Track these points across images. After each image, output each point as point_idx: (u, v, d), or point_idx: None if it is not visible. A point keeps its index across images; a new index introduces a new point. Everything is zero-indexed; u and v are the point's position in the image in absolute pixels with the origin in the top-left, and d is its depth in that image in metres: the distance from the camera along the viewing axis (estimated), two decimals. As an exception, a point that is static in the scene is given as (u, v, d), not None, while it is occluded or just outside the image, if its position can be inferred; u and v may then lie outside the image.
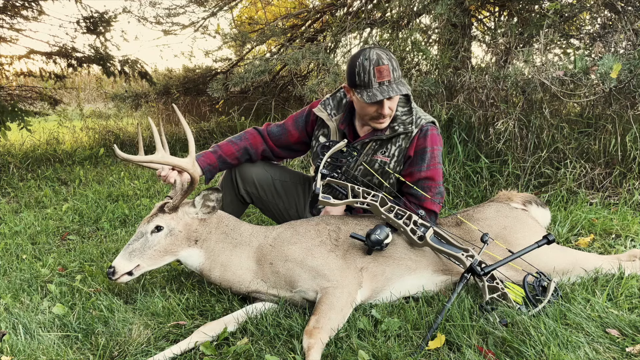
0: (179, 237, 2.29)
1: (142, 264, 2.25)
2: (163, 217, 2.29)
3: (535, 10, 4.60)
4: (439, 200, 2.52)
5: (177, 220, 2.30)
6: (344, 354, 1.88)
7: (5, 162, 5.74)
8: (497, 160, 4.12)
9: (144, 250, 2.24)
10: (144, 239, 2.26)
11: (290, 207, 2.91)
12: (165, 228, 2.28)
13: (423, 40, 5.02)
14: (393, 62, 2.35)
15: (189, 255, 2.33)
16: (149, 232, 2.27)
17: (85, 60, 6.47)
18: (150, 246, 2.25)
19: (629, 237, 2.98)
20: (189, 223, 2.32)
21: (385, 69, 2.30)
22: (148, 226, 2.28)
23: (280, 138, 2.80)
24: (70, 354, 1.98)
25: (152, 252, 2.25)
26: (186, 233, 2.31)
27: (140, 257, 2.24)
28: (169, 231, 2.28)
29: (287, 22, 7.00)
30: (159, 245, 2.26)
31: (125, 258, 2.22)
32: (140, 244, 2.25)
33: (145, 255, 2.24)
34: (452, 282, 2.34)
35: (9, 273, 2.87)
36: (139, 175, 5.46)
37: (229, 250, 2.32)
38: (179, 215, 2.32)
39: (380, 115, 2.41)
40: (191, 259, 2.33)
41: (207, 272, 2.33)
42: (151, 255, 2.25)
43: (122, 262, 2.22)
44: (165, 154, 2.27)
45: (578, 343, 1.83)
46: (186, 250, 2.32)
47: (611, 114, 3.80)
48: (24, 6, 6.18)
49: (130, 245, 2.26)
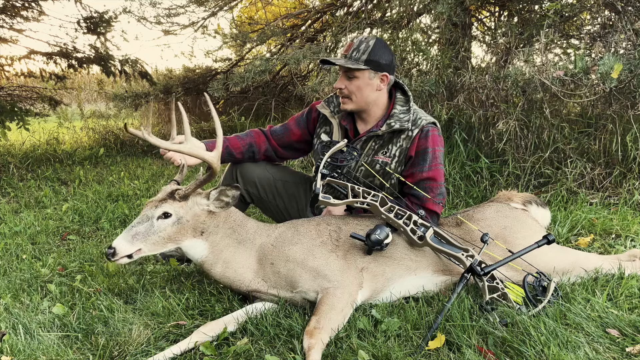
0: (185, 227, 2.22)
1: (143, 249, 2.17)
2: (172, 205, 2.21)
3: (535, 10, 4.60)
4: (440, 200, 2.52)
5: (186, 209, 2.23)
6: (344, 354, 1.88)
7: (5, 162, 5.74)
8: (497, 160, 4.12)
9: (147, 235, 2.16)
10: (149, 223, 2.18)
11: (291, 207, 2.91)
12: (173, 216, 2.20)
13: (423, 40, 5.02)
14: (362, 47, 2.49)
15: (192, 245, 2.27)
16: (155, 217, 2.18)
17: (85, 60, 6.46)
18: (155, 232, 2.17)
19: (629, 237, 2.98)
20: (198, 214, 2.25)
21: (349, 46, 2.53)
22: (155, 211, 2.19)
23: (283, 137, 2.82)
24: (70, 354, 1.98)
25: (156, 238, 2.18)
26: (193, 223, 2.24)
27: (143, 242, 2.16)
28: (176, 219, 2.20)
29: (287, 22, 7.00)
30: (164, 232, 2.19)
31: (127, 240, 2.14)
32: (144, 228, 2.17)
33: (149, 240, 2.17)
34: (452, 282, 2.34)
35: (9, 273, 2.87)
36: (139, 175, 5.46)
37: (234, 247, 2.30)
38: (189, 204, 2.24)
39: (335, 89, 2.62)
40: (194, 250, 2.27)
41: (208, 266, 2.28)
42: (154, 241, 2.18)
43: (123, 244, 2.13)
44: (193, 145, 2.23)
45: (578, 343, 1.83)
46: (190, 240, 2.26)
47: (611, 114, 3.80)
48: (24, 6, 6.18)
49: (133, 228, 2.17)
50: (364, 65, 2.45)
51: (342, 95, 2.57)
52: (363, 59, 2.46)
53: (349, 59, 2.48)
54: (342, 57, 2.54)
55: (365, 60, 2.45)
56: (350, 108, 2.58)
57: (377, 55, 2.47)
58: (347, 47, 2.53)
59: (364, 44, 2.47)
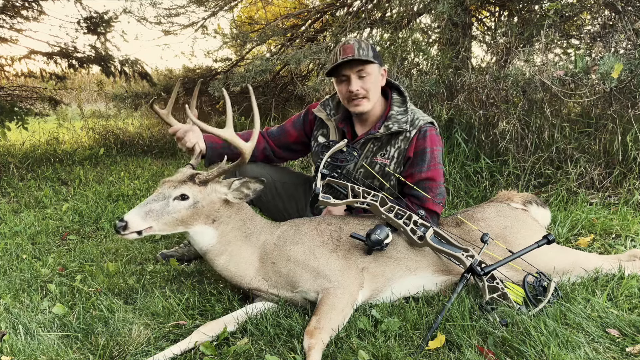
0: (199, 212, 2.20)
1: (154, 227, 2.14)
2: (192, 188, 2.19)
3: (535, 10, 4.60)
4: (440, 200, 2.52)
5: (204, 194, 2.21)
6: (344, 354, 1.88)
7: (5, 162, 5.73)
8: (497, 160, 4.11)
9: (161, 214, 2.13)
10: (165, 202, 2.15)
11: (290, 207, 2.91)
12: (190, 199, 2.17)
13: (423, 40, 5.02)
14: (362, 44, 2.44)
15: (201, 231, 2.24)
16: (172, 198, 2.16)
17: (85, 60, 6.47)
18: (169, 212, 2.14)
19: (629, 237, 2.98)
20: (214, 201, 2.24)
21: (349, 48, 2.43)
22: (174, 191, 2.17)
23: (280, 138, 2.83)
24: (70, 354, 1.98)
25: (169, 218, 2.14)
26: (208, 210, 2.22)
27: (155, 220, 2.12)
28: (193, 203, 2.18)
29: (287, 22, 7.00)
30: (179, 214, 2.16)
31: (140, 216, 2.10)
32: (159, 207, 2.13)
33: (162, 220, 2.13)
34: (452, 282, 2.34)
35: (9, 273, 2.86)
36: (139, 175, 5.46)
37: (240, 240, 2.29)
38: (208, 190, 2.23)
39: (351, 94, 2.47)
40: (202, 236, 2.25)
41: (212, 255, 2.27)
42: (167, 222, 2.15)
43: (136, 219, 2.09)
44: (233, 132, 2.22)
45: (578, 343, 1.83)
46: (201, 226, 2.24)
47: (612, 113, 3.80)
48: (24, 6, 6.18)
49: (148, 204, 2.13)
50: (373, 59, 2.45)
51: (357, 97, 2.48)
52: (371, 55, 2.45)
53: (361, 56, 2.42)
54: (350, 58, 2.44)
55: (372, 56, 2.45)
56: (367, 108, 2.52)
57: (376, 51, 2.51)
58: (347, 51, 2.43)
59: (363, 43, 2.47)
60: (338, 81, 2.55)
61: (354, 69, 2.45)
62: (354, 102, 2.50)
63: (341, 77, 2.51)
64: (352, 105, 2.52)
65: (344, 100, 2.57)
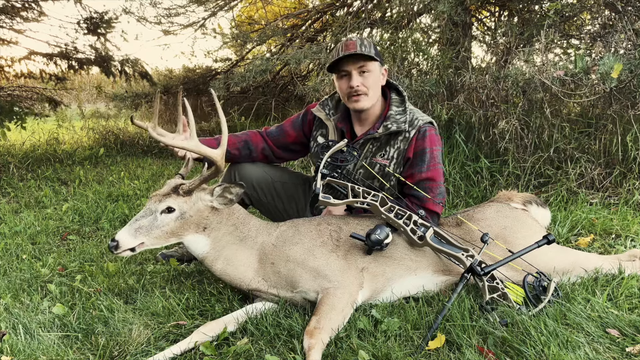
0: (188, 222, 2.23)
1: (146, 242, 2.18)
2: (176, 199, 2.21)
3: (535, 10, 4.60)
4: (440, 200, 2.52)
5: (189, 204, 2.23)
6: (344, 354, 1.88)
7: (5, 162, 5.73)
8: (497, 160, 4.11)
9: (151, 229, 2.17)
10: (152, 217, 2.18)
11: (290, 208, 2.91)
12: (177, 211, 2.20)
13: (423, 40, 5.02)
14: (365, 42, 2.44)
15: (194, 240, 2.27)
16: (159, 212, 2.19)
17: (85, 61, 6.47)
18: (158, 226, 2.18)
19: (629, 237, 2.98)
20: (201, 209, 2.25)
21: (352, 43, 2.44)
22: (159, 205, 2.19)
23: (278, 138, 2.82)
24: (70, 354, 1.98)
25: (159, 232, 2.18)
26: (197, 219, 2.25)
27: (146, 236, 2.16)
28: (180, 214, 2.20)
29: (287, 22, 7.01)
30: (167, 227, 2.19)
31: (130, 234, 2.14)
32: (148, 222, 2.17)
33: (152, 234, 2.17)
34: (452, 283, 2.34)
35: (9, 273, 2.87)
36: (139, 175, 5.46)
37: (236, 244, 2.30)
38: (193, 199, 2.25)
39: (352, 90, 2.46)
40: (196, 245, 2.28)
41: (209, 262, 2.29)
42: (157, 235, 2.19)
43: (127, 237, 2.14)
44: (198, 142, 2.24)
45: (578, 343, 1.83)
46: (193, 235, 2.26)
47: (611, 114, 3.80)
48: (24, 7, 6.18)
49: (137, 222, 2.17)
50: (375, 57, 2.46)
51: (357, 93, 2.48)
52: (373, 53, 2.45)
53: (363, 52, 2.42)
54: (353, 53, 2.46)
55: (374, 54, 2.46)
56: (367, 105, 2.52)
57: (377, 49, 2.51)
58: (349, 46, 2.44)
59: (365, 40, 2.47)
60: (338, 77, 2.55)
61: (355, 64, 2.45)
62: (354, 98, 2.49)
63: (342, 72, 2.51)
64: (352, 102, 2.51)
65: (343, 97, 2.56)
